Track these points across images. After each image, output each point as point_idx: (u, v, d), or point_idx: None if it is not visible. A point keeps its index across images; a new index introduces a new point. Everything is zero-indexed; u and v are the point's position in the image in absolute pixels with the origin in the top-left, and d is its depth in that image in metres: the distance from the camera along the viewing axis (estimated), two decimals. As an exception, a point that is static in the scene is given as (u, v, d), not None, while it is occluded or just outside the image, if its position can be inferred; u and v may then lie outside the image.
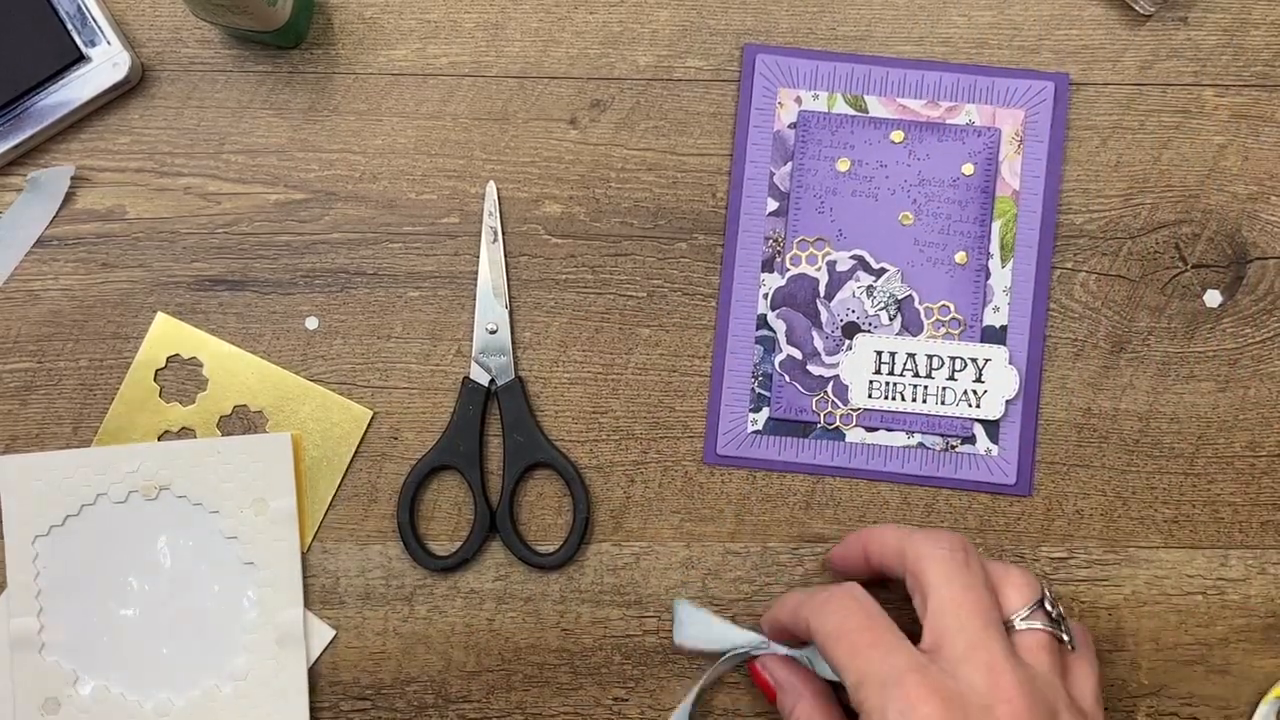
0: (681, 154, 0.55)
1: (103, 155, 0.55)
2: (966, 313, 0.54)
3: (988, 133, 0.55)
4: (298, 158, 0.55)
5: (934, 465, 0.54)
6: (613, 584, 0.54)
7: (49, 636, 0.53)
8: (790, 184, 0.55)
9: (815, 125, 0.55)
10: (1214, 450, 0.55)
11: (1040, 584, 0.46)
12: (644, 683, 0.54)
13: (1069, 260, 0.55)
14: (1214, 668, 0.54)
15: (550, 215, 0.55)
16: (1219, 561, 0.54)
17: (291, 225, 0.55)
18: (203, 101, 0.55)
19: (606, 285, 0.55)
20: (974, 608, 0.43)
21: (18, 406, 0.54)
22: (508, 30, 0.56)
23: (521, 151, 0.55)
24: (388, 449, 0.54)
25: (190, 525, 0.53)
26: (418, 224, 0.55)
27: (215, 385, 0.54)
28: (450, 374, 0.55)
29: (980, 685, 0.41)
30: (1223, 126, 0.55)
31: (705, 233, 0.55)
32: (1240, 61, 0.56)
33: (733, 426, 0.54)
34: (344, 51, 0.56)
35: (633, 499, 0.54)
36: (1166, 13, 0.56)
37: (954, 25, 0.56)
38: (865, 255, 0.55)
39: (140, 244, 0.55)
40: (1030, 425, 0.54)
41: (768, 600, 0.54)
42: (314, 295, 0.55)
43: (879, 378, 0.54)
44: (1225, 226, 0.55)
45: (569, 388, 0.55)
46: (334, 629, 0.54)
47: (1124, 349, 0.55)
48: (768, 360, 0.54)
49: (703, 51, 0.56)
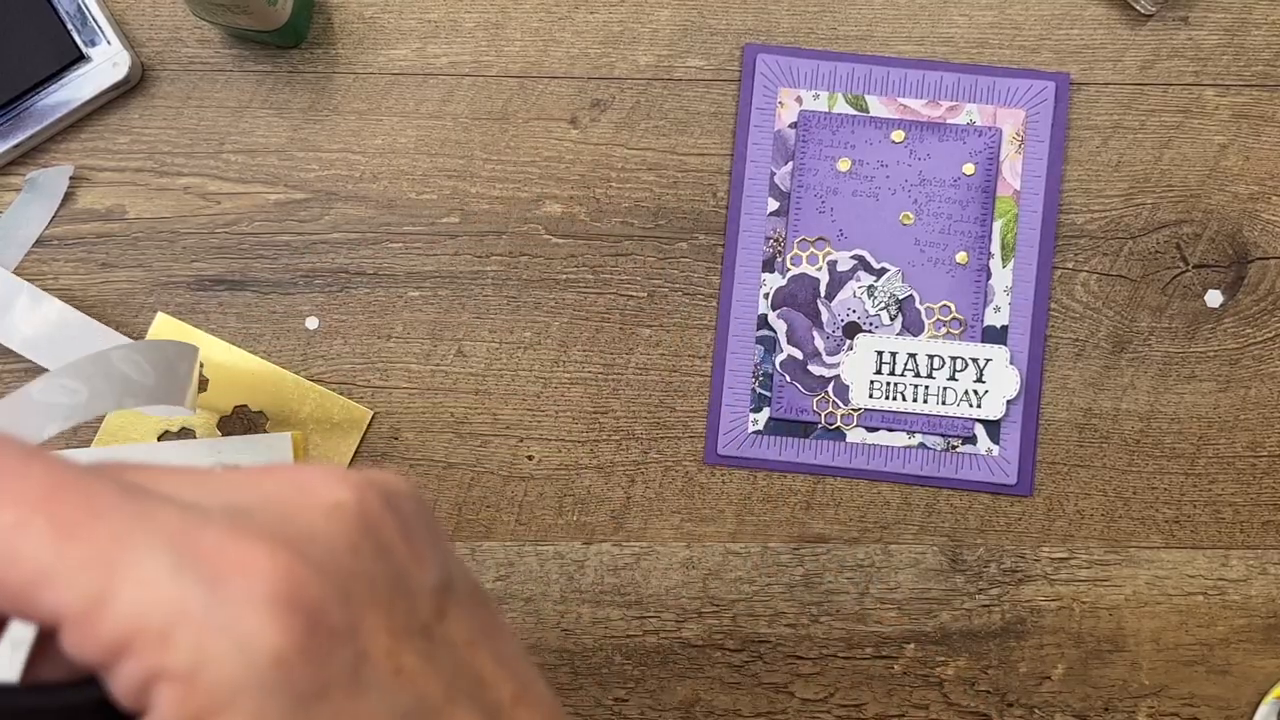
0: (682, 154, 0.55)
1: (103, 155, 0.55)
2: (967, 313, 0.54)
3: (989, 132, 0.55)
4: (298, 158, 0.55)
5: (935, 465, 0.54)
6: (613, 584, 0.54)
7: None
8: (791, 184, 0.55)
9: (816, 125, 0.55)
10: (1215, 450, 0.55)
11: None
12: (644, 683, 0.54)
13: (1070, 260, 0.55)
14: (1215, 668, 0.54)
15: (550, 215, 0.55)
16: (1220, 562, 0.54)
17: (291, 225, 0.55)
18: (203, 101, 0.55)
19: (607, 285, 0.55)
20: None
21: (17, 406, 0.54)
22: (508, 30, 0.56)
23: (521, 151, 0.55)
24: (388, 449, 0.54)
25: (190, 525, 0.53)
26: (418, 224, 0.55)
27: (215, 385, 0.54)
28: (450, 374, 0.55)
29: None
30: (1224, 126, 0.55)
31: (706, 232, 0.55)
32: (1241, 61, 0.56)
33: (733, 426, 0.54)
34: (344, 51, 0.56)
35: (633, 499, 0.54)
36: (1167, 12, 0.56)
37: (955, 25, 0.56)
38: (866, 255, 0.55)
39: (140, 244, 0.55)
40: (1031, 425, 0.54)
41: (768, 600, 0.54)
42: (314, 295, 0.55)
43: (880, 378, 0.54)
44: (1226, 226, 0.55)
45: (569, 388, 0.55)
46: (334, 629, 0.54)
47: (1125, 349, 0.55)
48: (768, 360, 0.54)
49: (703, 51, 0.56)
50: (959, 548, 0.54)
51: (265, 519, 0.22)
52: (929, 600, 0.54)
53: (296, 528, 0.22)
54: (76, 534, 0.20)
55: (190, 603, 0.20)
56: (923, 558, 0.54)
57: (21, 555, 0.20)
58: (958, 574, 0.54)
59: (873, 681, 0.54)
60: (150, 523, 0.21)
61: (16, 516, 0.20)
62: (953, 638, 0.54)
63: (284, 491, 0.23)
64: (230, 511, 0.22)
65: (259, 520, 0.22)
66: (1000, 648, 0.54)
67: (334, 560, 0.22)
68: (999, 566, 0.54)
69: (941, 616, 0.54)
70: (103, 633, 0.20)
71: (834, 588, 0.54)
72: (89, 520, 0.21)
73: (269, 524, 0.22)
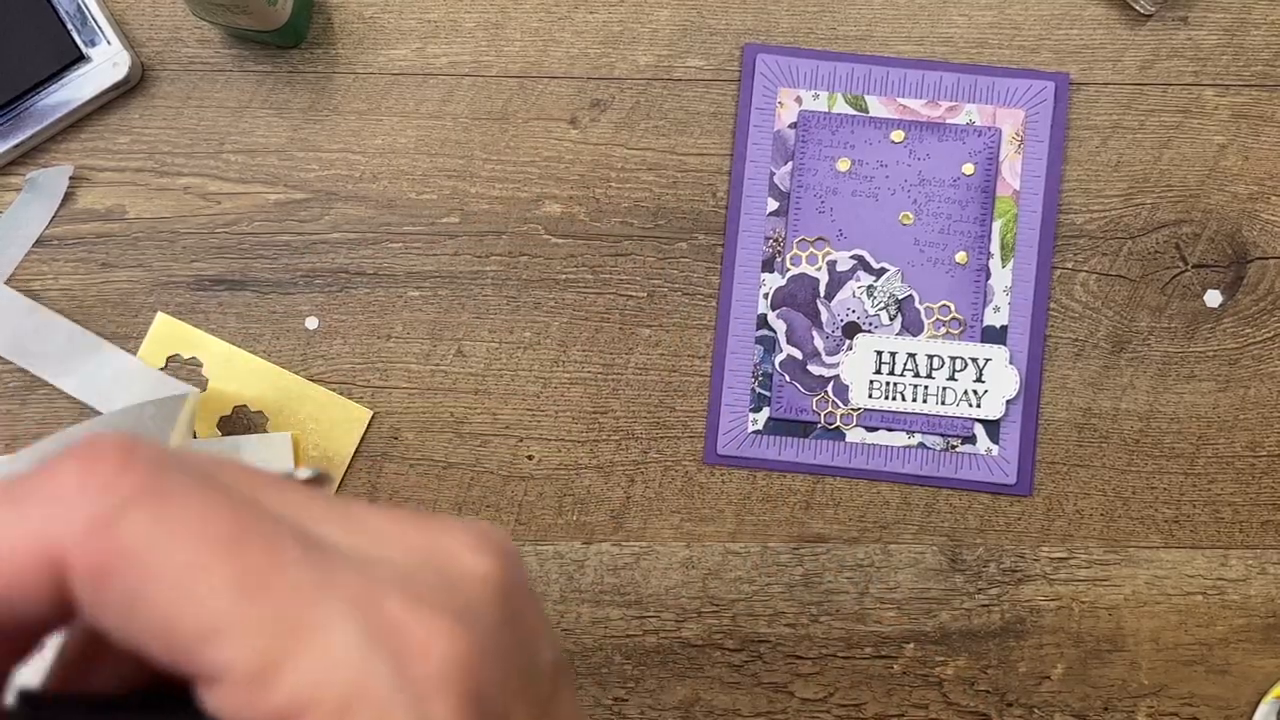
0: (682, 154, 0.55)
1: (103, 155, 0.55)
2: (967, 313, 0.54)
3: (988, 132, 0.55)
4: (298, 158, 0.55)
5: (934, 465, 0.54)
6: (613, 584, 0.54)
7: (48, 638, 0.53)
8: (790, 184, 0.55)
9: (815, 125, 0.55)
10: (1214, 450, 0.55)
11: None
12: (644, 683, 0.54)
13: (1069, 260, 0.55)
14: (1214, 668, 0.54)
15: (550, 215, 0.55)
16: (1219, 561, 0.54)
17: (291, 225, 0.55)
18: (203, 101, 0.55)
19: (606, 285, 0.55)
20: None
21: (18, 406, 0.54)
22: (508, 30, 0.56)
23: (521, 151, 0.55)
24: (388, 449, 0.54)
25: (190, 525, 0.53)
26: (418, 224, 0.55)
27: (215, 385, 0.54)
28: (450, 374, 0.55)
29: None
30: (1223, 126, 0.55)
31: (705, 232, 0.55)
32: (1241, 61, 0.56)
33: (733, 426, 0.54)
34: (344, 51, 0.56)
35: (633, 499, 0.54)
36: (1167, 12, 0.56)
37: (954, 25, 0.56)
38: (865, 255, 0.55)
39: (140, 244, 0.55)
40: (1030, 425, 0.54)
41: (768, 600, 0.54)
42: (314, 295, 0.55)
43: (879, 378, 0.54)
44: (1225, 226, 0.55)
45: (569, 388, 0.55)
46: (334, 629, 0.54)
47: (1124, 349, 0.55)
48: (768, 360, 0.54)
49: (703, 51, 0.56)
50: (958, 547, 0.54)
51: (430, 584, 0.21)
52: (928, 600, 0.54)
53: (461, 599, 0.21)
54: (260, 588, 0.19)
55: (375, 680, 0.19)
56: (922, 557, 0.54)
57: (196, 602, 0.19)
58: (957, 574, 0.54)
59: (872, 681, 0.54)
60: (333, 583, 0.19)
61: (197, 558, 0.19)
62: (952, 637, 0.54)
63: (432, 550, 0.22)
64: (397, 573, 0.21)
65: (426, 586, 0.21)
66: (1000, 647, 0.54)
67: (494, 642, 0.21)
68: (998, 566, 0.54)
69: (941, 616, 0.54)
70: (273, 699, 0.19)
71: (833, 587, 0.54)
72: (273, 573, 0.19)
73: (437, 593, 0.21)
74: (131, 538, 0.19)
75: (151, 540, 0.19)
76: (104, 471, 0.19)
